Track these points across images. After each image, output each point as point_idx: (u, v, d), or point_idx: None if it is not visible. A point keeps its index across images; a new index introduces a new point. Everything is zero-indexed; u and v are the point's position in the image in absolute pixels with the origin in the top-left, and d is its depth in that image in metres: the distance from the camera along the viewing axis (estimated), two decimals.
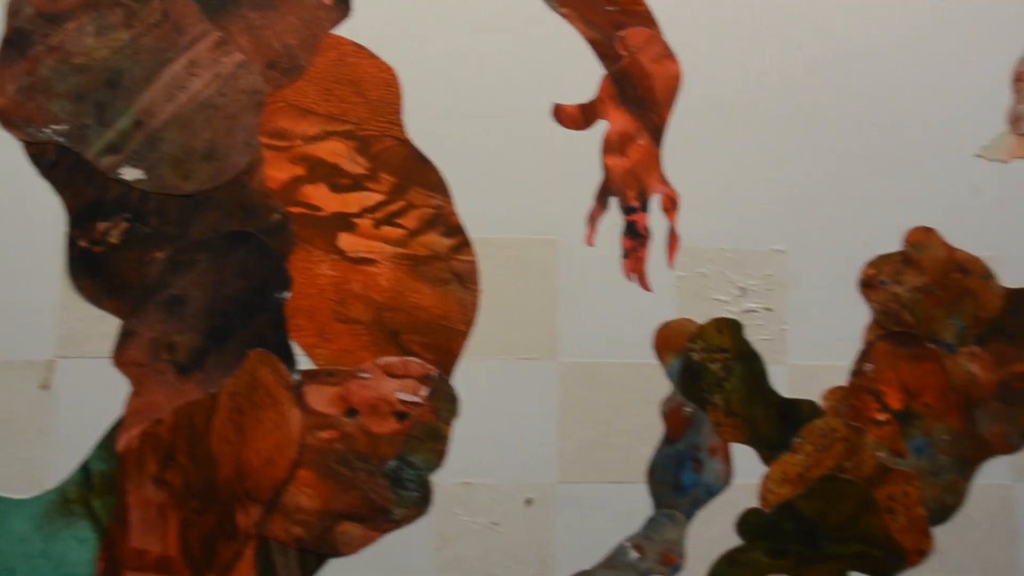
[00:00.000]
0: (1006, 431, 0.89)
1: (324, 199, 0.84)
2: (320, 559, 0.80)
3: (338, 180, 0.84)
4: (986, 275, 0.91)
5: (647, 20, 0.90)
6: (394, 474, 0.81)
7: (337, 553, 0.80)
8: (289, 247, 0.82)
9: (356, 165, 0.85)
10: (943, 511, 0.88)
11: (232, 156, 0.82)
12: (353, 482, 0.81)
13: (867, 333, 0.89)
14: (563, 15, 0.88)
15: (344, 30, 0.85)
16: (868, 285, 0.89)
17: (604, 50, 0.89)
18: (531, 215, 0.85)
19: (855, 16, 0.92)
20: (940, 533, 0.87)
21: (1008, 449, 0.89)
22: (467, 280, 0.85)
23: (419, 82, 0.85)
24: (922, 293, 0.89)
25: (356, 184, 0.84)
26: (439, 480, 0.82)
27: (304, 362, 0.81)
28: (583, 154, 0.86)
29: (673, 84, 0.90)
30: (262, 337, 0.82)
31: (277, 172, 0.83)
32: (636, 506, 0.84)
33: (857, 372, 0.88)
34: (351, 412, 0.81)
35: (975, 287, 0.90)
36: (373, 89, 0.86)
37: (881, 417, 0.88)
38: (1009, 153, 0.93)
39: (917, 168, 0.91)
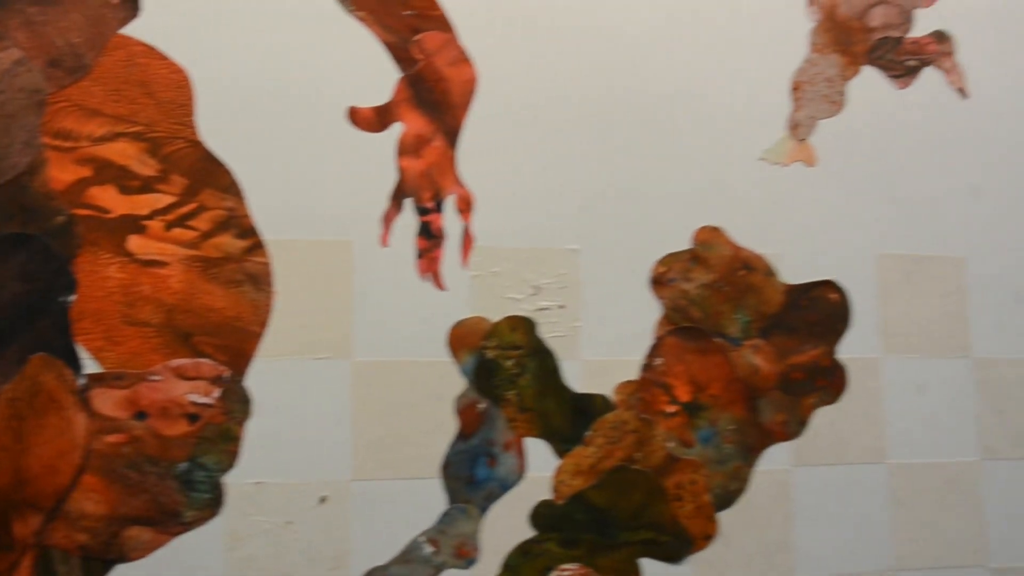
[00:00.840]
0: (786, 419, 1.04)
1: (112, 201, 0.91)
2: (107, 566, 0.87)
3: (127, 182, 0.91)
4: (769, 272, 1.05)
5: (443, 24, 1.00)
6: (185, 476, 0.89)
7: (125, 559, 0.87)
8: (74, 250, 0.89)
9: (146, 167, 0.92)
10: (727, 497, 1.01)
11: (10, 157, 0.88)
12: (142, 486, 0.88)
13: (657, 329, 1.02)
14: (359, 18, 0.97)
15: (134, 29, 0.92)
16: (658, 282, 1.02)
17: (400, 53, 0.99)
18: (326, 216, 0.94)
19: (645, 22, 1.05)
20: (724, 517, 1.01)
21: (788, 436, 1.04)
22: (260, 281, 0.93)
23: (212, 83, 0.93)
24: (709, 289, 1.03)
25: (146, 186, 0.92)
26: (232, 481, 0.90)
27: (92, 366, 0.88)
28: (378, 156, 0.96)
29: (468, 87, 1.00)
30: (45, 341, 0.88)
31: (62, 173, 0.89)
32: (430, 501, 0.94)
33: (648, 366, 1.01)
34: (140, 415, 0.88)
35: (759, 283, 1.05)
36: (164, 90, 0.93)
37: (670, 409, 1.01)
38: (789, 157, 1.08)
39: (705, 170, 1.04)
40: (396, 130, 0.94)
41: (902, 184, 1.07)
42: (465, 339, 0.93)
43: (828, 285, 1.03)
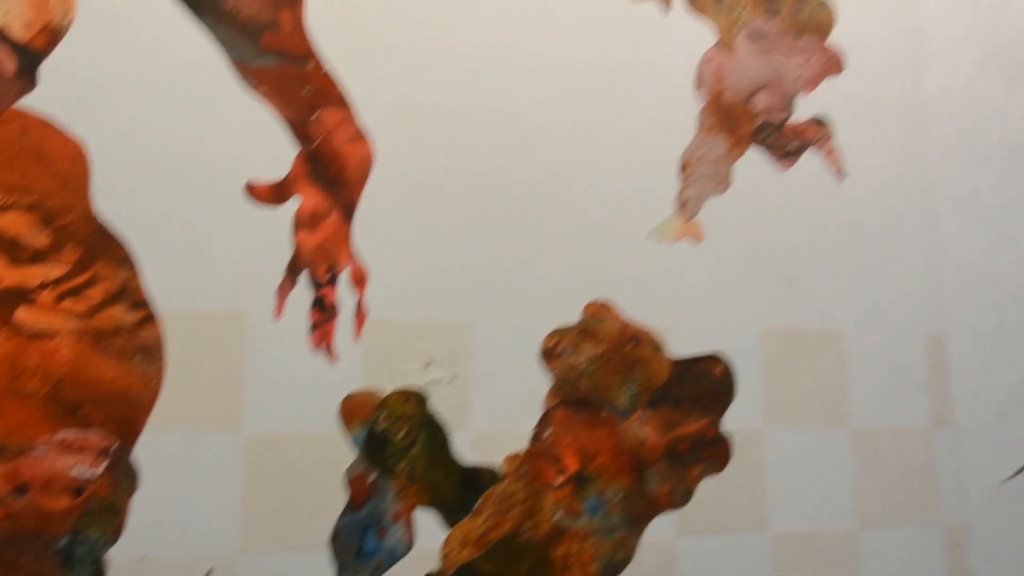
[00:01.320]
0: (672, 489, 1.13)
1: (1, 271, 0.96)
2: None
3: (17, 253, 0.96)
4: (656, 346, 1.15)
5: (341, 102, 1.09)
6: (65, 551, 0.93)
7: None
8: None
9: (38, 238, 0.97)
10: (614, 567, 1.09)
11: None
12: (17, 563, 0.92)
13: (546, 401, 1.10)
14: (261, 94, 1.05)
15: (30, 101, 0.98)
16: (548, 355, 1.10)
17: (299, 130, 1.07)
18: (221, 288, 1.01)
19: (537, 99, 1.15)
20: None
21: (674, 506, 1.13)
22: (152, 353, 0.99)
23: (109, 156, 0.99)
24: (598, 362, 1.12)
25: (37, 257, 0.97)
26: (115, 555, 0.94)
27: None
28: (274, 230, 1.03)
29: (365, 164, 1.09)
30: None
31: None
32: (319, 573, 1.00)
33: (537, 438, 1.09)
34: (20, 489, 0.93)
35: (646, 357, 1.14)
36: (60, 162, 0.99)
37: (559, 480, 1.09)
38: (676, 234, 1.18)
39: (595, 246, 1.14)
40: (293, 204, 1.01)
41: (784, 260, 1.18)
42: (356, 411, 1.00)
43: (713, 359, 1.13)
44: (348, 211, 1.01)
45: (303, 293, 0.98)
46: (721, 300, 1.12)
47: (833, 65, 1.23)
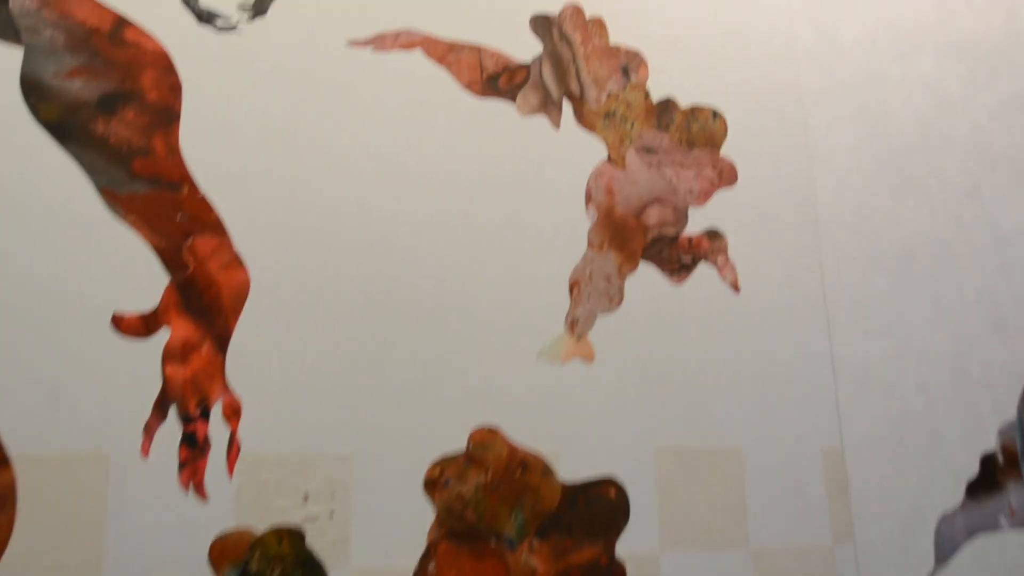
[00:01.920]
0: None
1: None
2: None
3: None
4: (546, 471, 1.12)
5: (216, 228, 1.06)
6: None
7: None
8: None
9: None
10: None
11: None
12: None
13: (431, 533, 1.07)
14: (129, 222, 1.02)
15: None
16: (432, 485, 1.07)
17: (171, 258, 1.04)
18: (82, 428, 0.97)
19: (423, 218, 1.13)
20: None
21: None
22: (3, 501, 0.94)
23: None
24: (485, 491, 1.09)
25: None
26: None
27: None
28: (142, 363, 1.00)
29: (241, 292, 1.06)
30: None
31: None
32: None
33: (420, 572, 1.05)
34: None
35: (535, 483, 1.11)
36: None
37: None
38: (566, 355, 1.17)
39: (481, 369, 1.12)
40: (162, 336, 0.98)
41: (678, 378, 1.17)
42: (227, 553, 0.96)
43: (606, 482, 1.11)
44: (222, 341, 0.98)
45: (172, 430, 0.94)
46: (614, 420, 1.11)
47: (726, 177, 1.24)
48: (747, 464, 1.17)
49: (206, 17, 1.07)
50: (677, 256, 1.20)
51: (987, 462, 1.31)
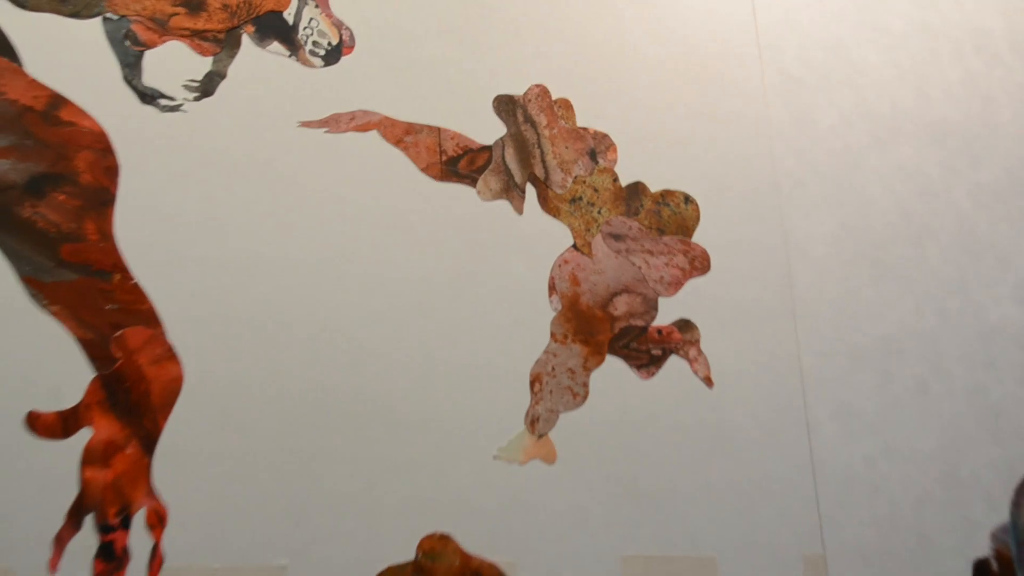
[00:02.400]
0: None
1: None
2: None
3: None
4: None
5: (150, 319, 0.99)
6: None
7: None
8: None
9: None
10: None
11: None
12: None
13: None
14: (52, 312, 0.95)
15: None
16: None
17: (97, 351, 0.96)
18: None
19: (371, 312, 1.05)
20: None
21: None
22: None
23: None
24: None
25: None
26: None
27: None
28: (58, 467, 0.91)
29: (173, 387, 0.97)
30: None
31: None
32: None
33: None
34: None
35: None
36: None
37: None
38: (526, 454, 1.08)
39: (432, 472, 1.03)
40: (83, 437, 0.89)
41: (647, 480, 1.09)
42: None
43: None
44: (149, 441, 0.90)
45: (86, 541, 0.85)
46: (577, 526, 1.02)
47: (698, 265, 1.18)
48: (722, 574, 1.07)
49: (149, 97, 1.01)
50: (647, 348, 1.12)
51: (980, 569, 1.22)
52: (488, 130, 1.14)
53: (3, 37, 0.98)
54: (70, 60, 0.98)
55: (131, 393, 0.93)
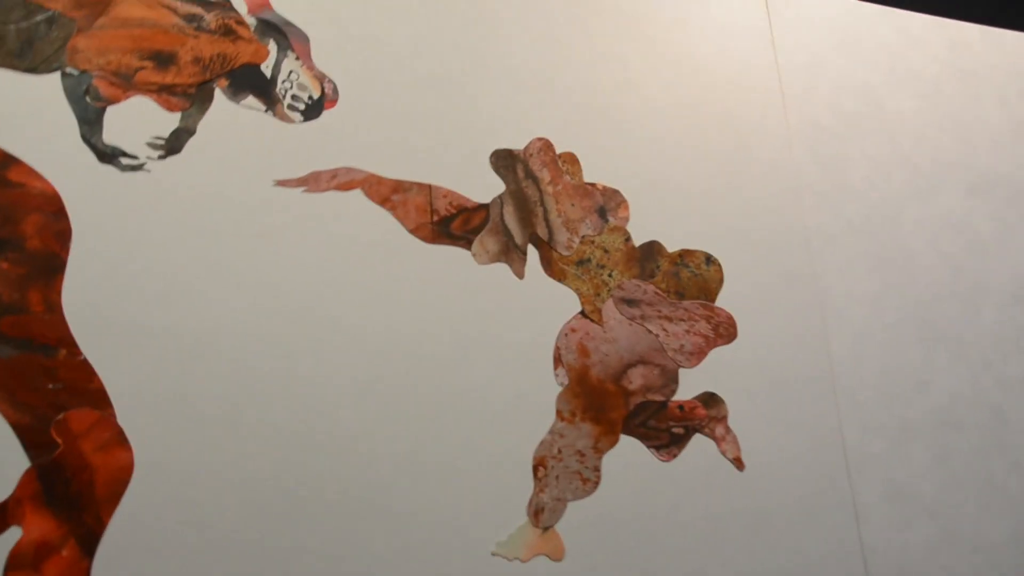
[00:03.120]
0: None
1: None
2: None
3: None
4: None
5: (98, 400, 0.86)
6: None
7: None
8: None
9: None
10: None
11: None
12: None
13: None
14: None
15: None
16: None
17: (33, 437, 0.83)
18: None
19: (356, 393, 0.93)
20: None
21: None
22: None
23: None
24: None
25: None
26: None
27: None
28: None
29: (121, 476, 0.85)
30: None
31: None
32: None
33: None
34: None
35: None
36: None
37: None
38: (528, 550, 0.93)
39: (426, 571, 0.89)
40: (10, 537, 0.76)
41: None
42: None
43: None
44: (90, 541, 0.78)
45: None
46: None
47: (723, 332, 1.04)
48: None
49: (108, 155, 0.91)
50: (667, 427, 0.98)
51: None
52: (485, 188, 1.02)
53: None
54: (23, 118, 0.88)
55: (71, 484, 0.80)
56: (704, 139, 1.14)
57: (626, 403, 0.99)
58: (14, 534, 0.78)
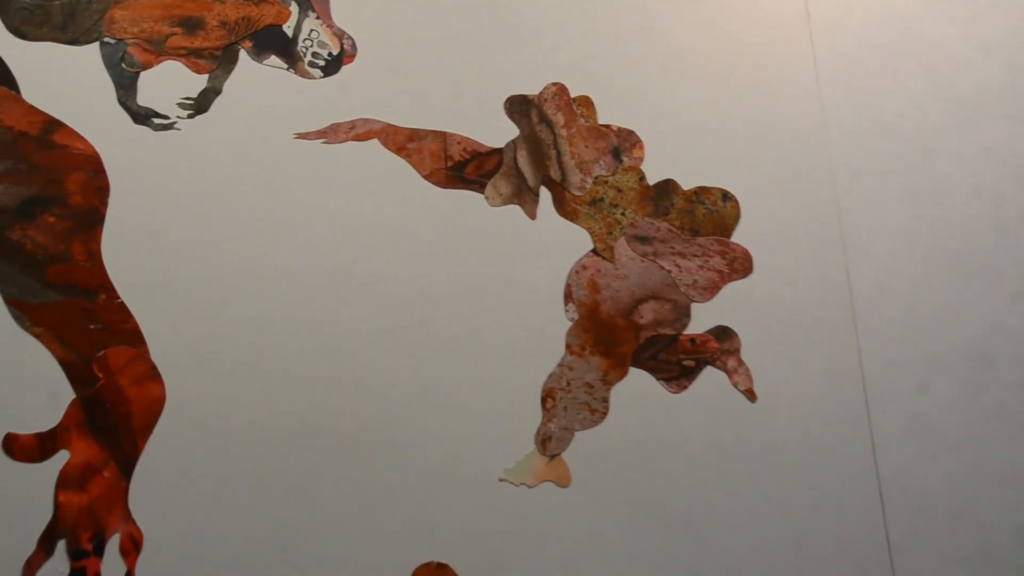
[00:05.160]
0: None
1: None
2: None
3: None
4: None
5: (134, 338, 0.97)
6: None
7: None
8: None
9: None
10: None
11: None
12: None
13: None
14: (35, 335, 0.94)
15: None
16: None
17: (78, 373, 0.94)
18: None
19: (370, 332, 1.00)
20: None
21: None
22: None
23: None
24: None
25: None
26: None
27: None
28: (30, 490, 0.89)
29: (155, 408, 0.95)
30: None
31: None
32: None
33: None
34: None
35: None
36: None
37: None
38: (535, 477, 1.00)
39: (430, 496, 0.96)
40: (59, 459, 0.87)
41: (677, 506, 0.98)
42: None
43: None
44: (127, 465, 0.88)
45: (58, 567, 0.82)
46: (594, 556, 0.93)
47: (739, 267, 1.06)
48: None
49: (143, 116, 1.00)
50: (677, 360, 1.02)
51: None
52: (499, 134, 1.07)
53: (4, 68, 0.98)
54: (66, 86, 0.98)
55: (111, 415, 0.90)
56: (722, 75, 1.16)
57: (636, 337, 1.03)
58: (63, 456, 0.88)
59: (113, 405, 0.90)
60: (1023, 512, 1.05)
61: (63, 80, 0.99)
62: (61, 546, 0.86)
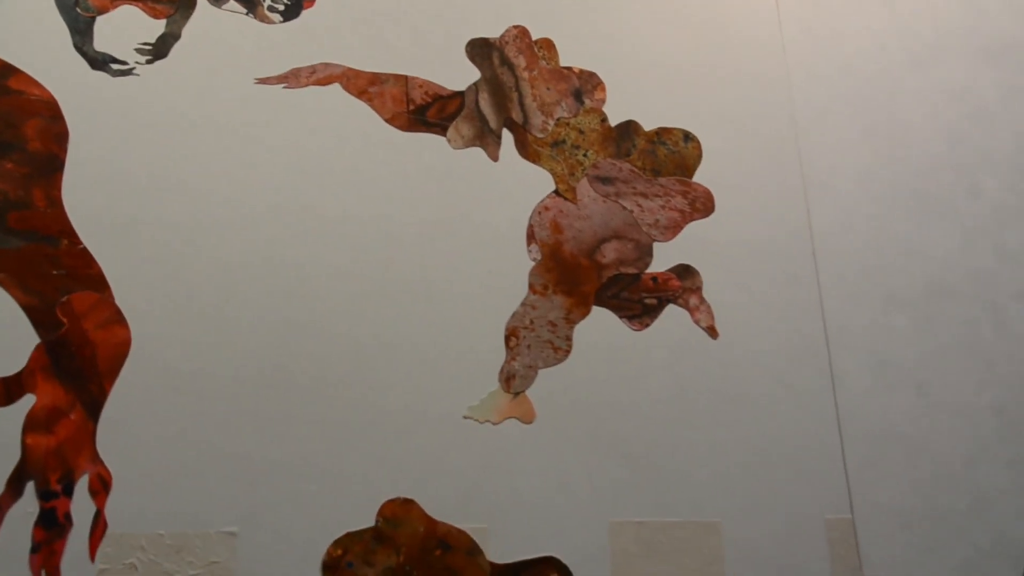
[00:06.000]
0: None
1: None
2: None
3: None
4: (472, 550, 0.96)
5: (97, 283, 0.97)
6: None
7: None
8: None
9: None
10: None
11: None
12: None
13: None
14: None
15: None
16: (332, 568, 0.93)
17: (42, 317, 0.95)
18: None
19: (334, 266, 1.01)
20: None
21: None
22: None
23: None
24: (395, 575, 0.94)
25: None
26: None
27: None
28: (0, 433, 0.90)
29: (120, 351, 0.96)
30: None
31: None
32: None
33: None
34: None
35: (459, 565, 0.96)
36: None
37: None
38: (499, 414, 1.02)
39: (395, 433, 0.98)
40: (25, 403, 0.88)
41: (639, 440, 1.00)
42: None
43: (546, 562, 0.94)
44: (94, 407, 0.89)
45: (28, 507, 0.84)
46: (558, 489, 0.95)
47: (700, 207, 1.08)
48: (728, 541, 0.97)
49: (100, 62, 1.00)
50: (639, 298, 1.04)
51: None
52: (461, 76, 1.08)
53: None
54: (20, 30, 0.97)
55: (76, 358, 0.91)
56: (686, 16, 1.17)
57: (599, 276, 1.05)
58: (29, 400, 0.89)
59: (78, 349, 0.91)
60: (975, 441, 1.08)
61: (16, 25, 0.99)
62: (30, 487, 0.87)
